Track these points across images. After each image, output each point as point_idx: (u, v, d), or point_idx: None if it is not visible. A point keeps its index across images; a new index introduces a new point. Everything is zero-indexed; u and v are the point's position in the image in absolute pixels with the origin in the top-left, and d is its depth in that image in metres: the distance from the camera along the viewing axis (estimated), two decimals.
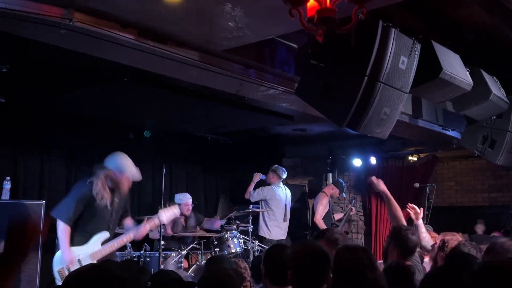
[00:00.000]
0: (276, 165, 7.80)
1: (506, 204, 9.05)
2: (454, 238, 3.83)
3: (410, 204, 4.60)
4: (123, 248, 5.91)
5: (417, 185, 6.96)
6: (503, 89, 5.43)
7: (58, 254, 4.48)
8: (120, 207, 4.78)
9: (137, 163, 7.26)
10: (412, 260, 3.62)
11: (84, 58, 3.83)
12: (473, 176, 9.59)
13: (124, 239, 4.70)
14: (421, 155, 8.93)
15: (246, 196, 7.68)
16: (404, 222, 4.16)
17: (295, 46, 4.49)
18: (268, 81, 4.56)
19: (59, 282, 4.32)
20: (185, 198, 6.87)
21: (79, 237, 4.51)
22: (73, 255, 4.41)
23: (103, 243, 4.59)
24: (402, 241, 3.56)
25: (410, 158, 8.66)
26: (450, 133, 6.68)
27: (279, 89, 4.72)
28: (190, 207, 6.90)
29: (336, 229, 4.29)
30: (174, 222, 6.63)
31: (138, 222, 6.82)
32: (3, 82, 4.89)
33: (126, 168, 4.62)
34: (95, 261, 4.48)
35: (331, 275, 2.53)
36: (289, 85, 4.64)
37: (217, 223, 7.00)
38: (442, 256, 3.74)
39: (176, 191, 7.26)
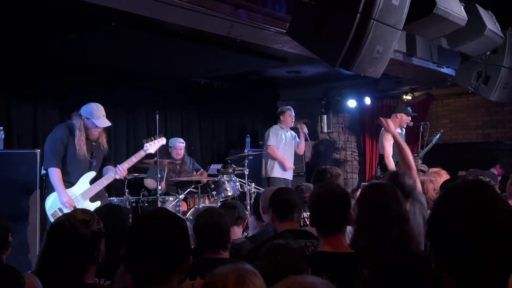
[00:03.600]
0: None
1: (499, 140, 9.14)
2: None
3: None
4: (121, 193, 5.99)
5: (410, 123, 6.95)
6: (498, 24, 5.35)
7: (50, 198, 4.61)
8: (99, 156, 4.86)
9: (131, 109, 7.30)
10: (413, 203, 3.66)
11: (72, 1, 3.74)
12: (467, 113, 9.64)
13: (113, 174, 4.79)
14: (416, 94, 8.91)
15: (301, 152, 7.60)
16: (413, 163, 4.13)
17: None
18: (259, 21, 4.46)
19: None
20: (175, 142, 6.91)
21: (65, 180, 4.63)
22: (70, 196, 4.55)
23: (91, 182, 4.72)
24: (399, 187, 3.58)
25: (404, 97, 8.63)
26: (445, 70, 6.64)
27: (271, 29, 4.62)
28: (181, 152, 6.92)
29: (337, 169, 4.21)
30: (170, 168, 6.69)
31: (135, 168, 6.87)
32: None
33: (94, 113, 4.66)
34: (87, 200, 4.65)
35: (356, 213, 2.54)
36: (281, 25, 4.54)
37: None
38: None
39: (172, 136, 7.27)
